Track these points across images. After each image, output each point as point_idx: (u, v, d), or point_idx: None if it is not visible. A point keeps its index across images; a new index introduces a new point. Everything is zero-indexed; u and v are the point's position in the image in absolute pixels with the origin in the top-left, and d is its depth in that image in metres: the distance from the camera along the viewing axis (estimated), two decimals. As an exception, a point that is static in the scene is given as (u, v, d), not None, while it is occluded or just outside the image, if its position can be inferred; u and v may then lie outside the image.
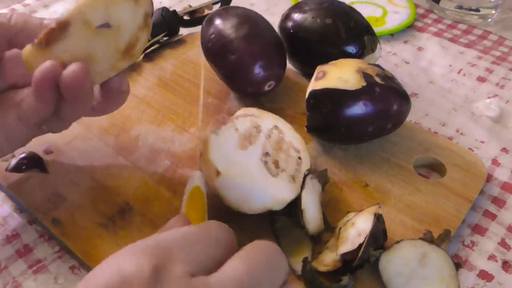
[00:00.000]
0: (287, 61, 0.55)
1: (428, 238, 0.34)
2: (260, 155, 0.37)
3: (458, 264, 0.33)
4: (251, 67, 0.45)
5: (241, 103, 0.50)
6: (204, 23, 0.50)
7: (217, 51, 0.47)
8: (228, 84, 0.50)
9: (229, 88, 0.50)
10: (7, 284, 0.36)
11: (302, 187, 0.36)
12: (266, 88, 0.47)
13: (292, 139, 0.40)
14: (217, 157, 0.36)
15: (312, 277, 0.33)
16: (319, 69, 0.44)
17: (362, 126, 0.42)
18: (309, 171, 0.37)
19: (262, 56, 0.46)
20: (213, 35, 0.48)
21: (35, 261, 0.37)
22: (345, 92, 0.40)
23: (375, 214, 0.34)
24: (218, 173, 0.35)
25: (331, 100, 0.41)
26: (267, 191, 0.35)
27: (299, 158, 0.39)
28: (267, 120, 0.40)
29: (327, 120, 0.42)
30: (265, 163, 0.37)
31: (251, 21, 0.48)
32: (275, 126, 0.40)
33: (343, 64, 0.43)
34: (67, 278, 0.36)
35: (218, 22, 0.48)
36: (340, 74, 0.41)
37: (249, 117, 0.40)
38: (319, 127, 0.43)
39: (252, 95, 0.49)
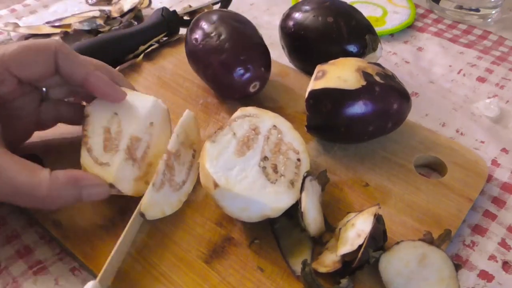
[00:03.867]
0: (288, 60, 0.55)
1: (428, 239, 0.34)
2: (259, 161, 0.37)
3: (458, 265, 0.33)
4: (233, 69, 0.45)
5: (241, 103, 0.49)
6: (187, 32, 0.50)
7: (199, 57, 0.47)
8: (215, 90, 0.50)
9: (217, 93, 0.50)
10: (7, 285, 0.36)
11: (301, 189, 0.36)
12: (251, 89, 0.47)
13: (291, 139, 0.39)
14: (214, 168, 0.35)
15: (311, 279, 0.33)
16: (318, 68, 0.43)
17: (362, 125, 0.42)
18: (308, 173, 0.37)
19: (243, 57, 0.45)
20: (195, 40, 0.48)
21: (35, 262, 0.37)
22: (345, 91, 0.40)
23: (375, 215, 0.34)
24: (216, 185, 0.34)
25: (331, 100, 0.41)
26: (266, 201, 0.35)
27: (298, 160, 0.38)
28: (266, 119, 0.40)
29: (327, 120, 0.42)
30: (264, 168, 0.36)
31: (229, 23, 0.47)
32: (274, 126, 0.40)
33: (342, 63, 0.43)
34: (67, 280, 0.36)
35: (200, 26, 0.48)
36: (339, 74, 0.41)
37: (247, 118, 0.39)
38: (319, 127, 0.43)
39: (238, 97, 0.49)
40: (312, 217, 0.36)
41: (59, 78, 0.38)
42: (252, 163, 0.36)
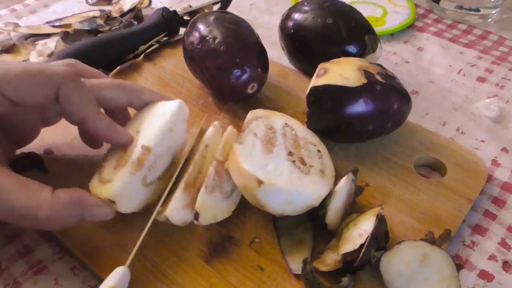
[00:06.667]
0: (288, 61, 0.55)
1: (430, 239, 0.34)
2: (286, 156, 0.37)
3: (459, 265, 0.33)
4: (230, 72, 0.45)
5: (241, 103, 0.50)
6: (184, 35, 0.50)
7: (196, 61, 0.47)
8: (214, 93, 0.50)
9: (216, 95, 0.50)
10: (8, 285, 0.36)
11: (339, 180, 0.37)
12: (249, 91, 0.47)
13: (304, 134, 0.40)
14: (253, 166, 0.35)
15: (312, 277, 0.33)
16: (320, 66, 0.44)
17: (362, 124, 0.42)
18: (356, 170, 0.38)
19: (239, 59, 0.45)
20: (191, 44, 0.48)
21: (35, 262, 0.37)
22: (346, 89, 0.40)
23: (377, 215, 0.34)
24: (260, 182, 0.34)
25: (332, 96, 0.41)
26: (308, 191, 0.35)
27: (319, 151, 0.39)
28: (276, 119, 0.41)
29: (327, 117, 0.42)
30: (293, 162, 0.37)
31: (224, 26, 0.47)
32: (286, 124, 0.40)
33: (344, 62, 0.43)
34: (68, 279, 0.36)
35: (196, 29, 0.48)
36: (341, 71, 0.41)
37: (260, 119, 0.40)
38: (319, 124, 0.43)
39: (237, 99, 0.49)
40: (336, 206, 0.36)
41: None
42: (282, 159, 0.37)
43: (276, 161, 0.36)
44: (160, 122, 0.37)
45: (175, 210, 0.35)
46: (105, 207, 0.34)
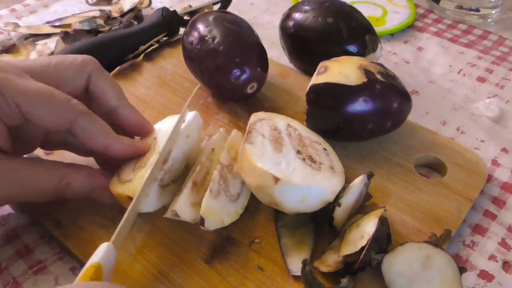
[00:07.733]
0: (288, 60, 0.55)
1: (433, 241, 0.34)
2: (295, 154, 0.37)
3: (462, 268, 0.33)
4: (229, 72, 0.45)
5: (241, 103, 0.50)
6: (183, 35, 0.50)
7: (196, 61, 0.47)
8: (213, 92, 0.50)
9: (216, 95, 0.50)
10: (8, 284, 0.36)
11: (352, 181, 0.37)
12: (249, 90, 0.47)
13: (307, 134, 0.41)
14: (267, 165, 0.35)
15: (311, 278, 0.33)
16: (321, 64, 0.44)
17: (362, 122, 0.41)
18: (371, 174, 0.38)
19: (238, 59, 0.45)
20: (190, 44, 0.48)
21: (35, 262, 0.37)
22: (345, 87, 0.40)
23: (379, 218, 0.34)
24: (276, 179, 0.34)
25: (331, 94, 0.41)
26: (323, 186, 0.35)
27: (324, 149, 0.40)
28: (279, 120, 0.41)
29: (326, 115, 0.42)
30: (303, 160, 0.37)
31: (223, 25, 0.47)
32: (288, 124, 0.41)
33: (345, 60, 0.43)
34: (68, 279, 0.36)
35: (195, 29, 0.48)
36: (341, 70, 0.41)
37: (264, 121, 0.40)
38: (318, 123, 0.43)
39: (237, 99, 0.49)
40: (345, 204, 0.36)
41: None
42: (292, 157, 0.37)
43: (287, 159, 0.36)
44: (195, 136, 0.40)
45: (184, 207, 0.35)
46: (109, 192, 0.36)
